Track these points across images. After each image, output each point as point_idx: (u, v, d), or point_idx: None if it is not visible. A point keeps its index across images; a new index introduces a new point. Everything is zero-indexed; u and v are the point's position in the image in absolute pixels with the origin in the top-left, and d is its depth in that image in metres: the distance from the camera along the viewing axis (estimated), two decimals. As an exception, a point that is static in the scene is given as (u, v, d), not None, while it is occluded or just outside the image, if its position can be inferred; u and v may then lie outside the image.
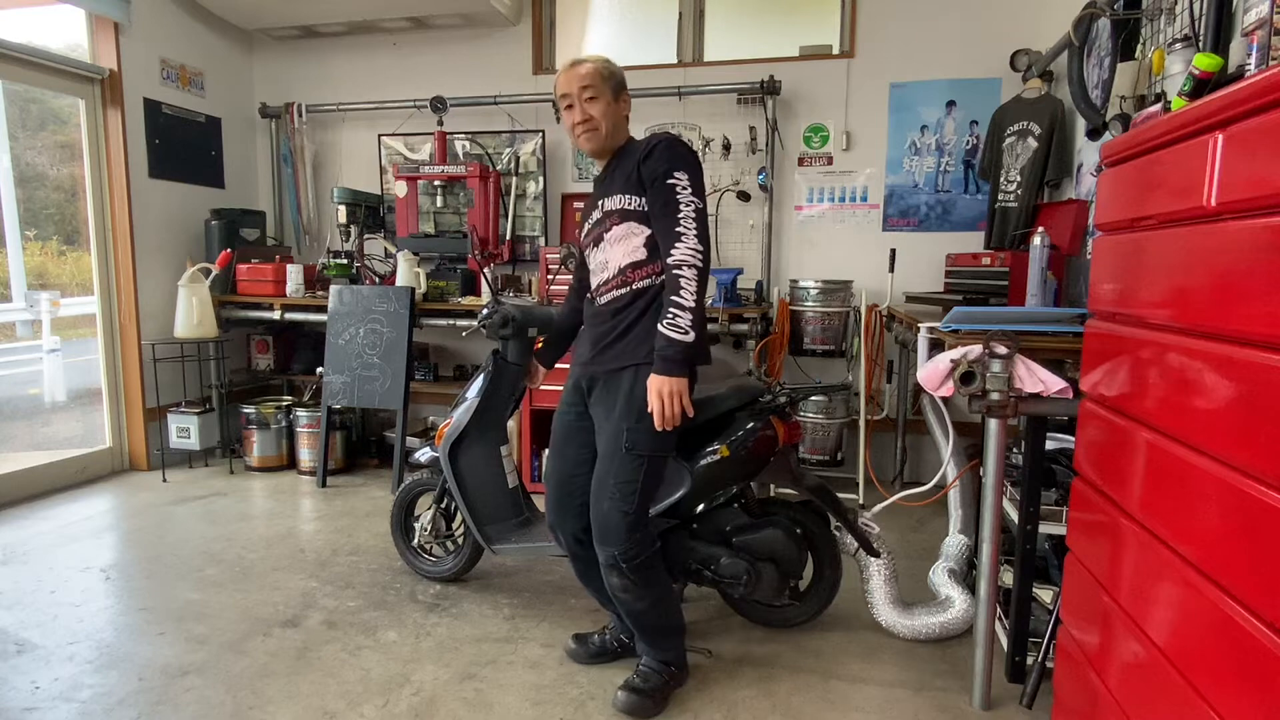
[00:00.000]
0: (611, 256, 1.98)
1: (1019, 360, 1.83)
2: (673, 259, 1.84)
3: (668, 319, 1.82)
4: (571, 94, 1.95)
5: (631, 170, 1.94)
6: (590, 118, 1.95)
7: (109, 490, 3.83)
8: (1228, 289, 1.00)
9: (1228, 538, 0.98)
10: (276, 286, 4.21)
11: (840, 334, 3.80)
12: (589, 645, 2.23)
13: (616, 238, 1.97)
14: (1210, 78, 1.67)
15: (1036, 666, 1.92)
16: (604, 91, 1.95)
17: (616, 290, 1.98)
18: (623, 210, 1.95)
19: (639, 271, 1.95)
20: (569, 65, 1.97)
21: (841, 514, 2.31)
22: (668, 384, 1.82)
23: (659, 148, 1.90)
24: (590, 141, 1.98)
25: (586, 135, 1.97)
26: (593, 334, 2.05)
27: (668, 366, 1.82)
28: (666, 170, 1.88)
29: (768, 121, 4.00)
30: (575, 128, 1.98)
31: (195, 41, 4.39)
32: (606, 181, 2.03)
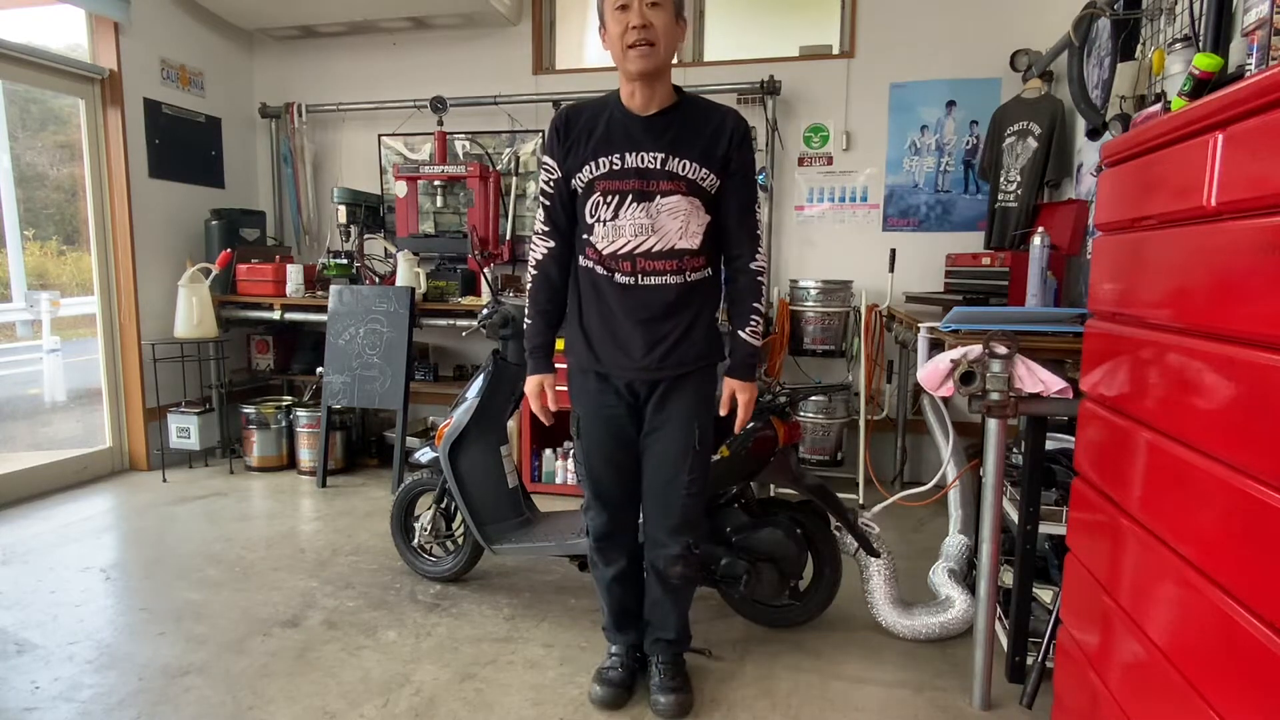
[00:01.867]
0: (664, 226, 1.75)
1: (1019, 360, 1.83)
2: (756, 264, 1.83)
3: (750, 326, 1.83)
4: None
5: (713, 142, 1.74)
6: (650, 25, 1.62)
7: (109, 490, 3.83)
8: (1228, 289, 1.00)
9: (1228, 538, 0.98)
10: (276, 286, 4.21)
11: (840, 334, 3.80)
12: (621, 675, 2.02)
13: (675, 209, 1.74)
14: (1210, 78, 1.67)
15: (1036, 666, 1.92)
16: (669, 4, 1.67)
17: (669, 275, 1.77)
18: (693, 182, 1.73)
19: (695, 260, 1.79)
20: None
21: (841, 514, 2.31)
22: (753, 390, 1.86)
23: (747, 135, 1.76)
24: (645, 59, 1.64)
25: (642, 50, 1.63)
26: (641, 331, 1.80)
27: (749, 373, 1.85)
28: (752, 165, 1.78)
29: (768, 121, 4.00)
30: (628, 35, 1.63)
31: (195, 41, 4.39)
32: (665, 129, 1.74)
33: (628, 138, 1.75)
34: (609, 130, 1.77)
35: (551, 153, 1.82)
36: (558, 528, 2.59)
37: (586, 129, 1.78)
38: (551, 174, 1.83)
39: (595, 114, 1.79)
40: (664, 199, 1.74)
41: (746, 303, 1.83)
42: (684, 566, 1.92)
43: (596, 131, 1.77)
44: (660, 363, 1.81)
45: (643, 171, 1.74)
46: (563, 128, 1.81)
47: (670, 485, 1.87)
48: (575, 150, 1.78)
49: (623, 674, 2.03)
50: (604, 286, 1.82)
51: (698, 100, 1.81)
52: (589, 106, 1.82)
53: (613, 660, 2.06)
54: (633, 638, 2.08)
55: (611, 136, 1.76)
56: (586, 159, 1.77)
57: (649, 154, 1.73)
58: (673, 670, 2.01)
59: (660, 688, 1.97)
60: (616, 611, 2.07)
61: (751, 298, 1.83)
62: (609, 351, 1.84)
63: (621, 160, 1.74)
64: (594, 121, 1.78)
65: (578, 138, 1.78)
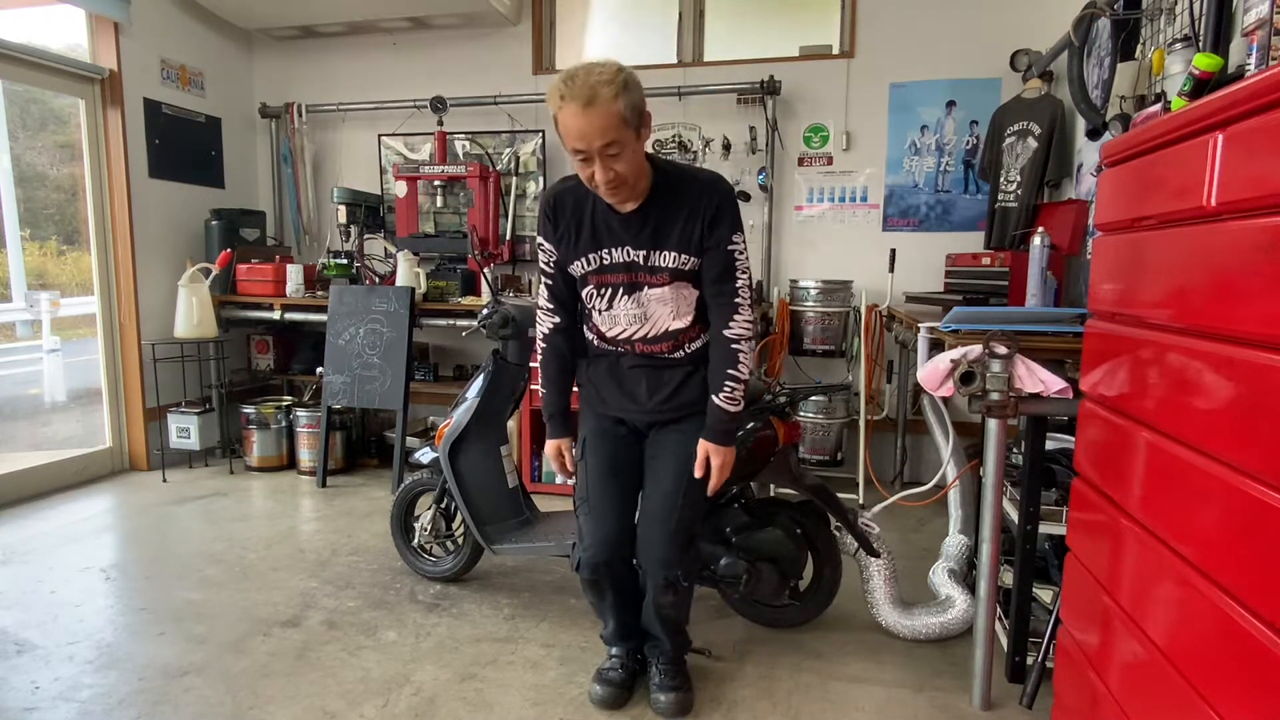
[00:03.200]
0: (655, 314, 1.83)
1: (1019, 360, 1.83)
2: (731, 332, 1.80)
3: (725, 393, 1.81)
4: (590, 151, 1.60)
5: (687, 227, 1.75)
6: (615, 175, 1.64)
7: (109, 490, 3.83)
8: (1228, 289, 1.00)
9: (1228, 538, 0.98)
10: (276, 286, 4.21)
11: (840, 334, 3.81)
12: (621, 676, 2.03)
13: (663, 297, 1.82)
14: (1210, 78, 1.67)
15: (1036, 666, 1.92)
16: (629, 139, 1.61)
17: (667, 353, 1.88)
18: (675, 270, 1.78)
19: (690, 333, 1.86)
20: (581, 106, 1.55)
21: (841, 514, 2.31)
22: (725, 454, 1.84)
23: (725, 209, 1.74)
24: (618, 196, 1.70)
25: (613, 192, 1.68)
26: (644, 382, 1.90)
27: (725, 438, 1.84)
28: (729, 235, 1.76)
29: (768, 121, 4.00)
30: (593, 183, 1.68)
31: (195, 41, 4.39)
32: (644, 225, 1.76)
33: (610, 233, 1.79)
34: (594, 225, 1.80)
35: (546, 236, 1.87)
36: (558, 528, 2.59)
37: (574, 221, 1.82)
38: (549, 256, 1.89)
39: (579, 202, 1.81)
40: (651, 290, 1.81)
41: (722, 369, 1.81)
42: (673, 595, 1.94)
43: (583, 225, 1.81)
44: (663, 405, 1.91)
45: (629, 265, 1.80)
46: (552, 215, 1.85)
47: (663, 511, 1.88)
48: (565, 242, 1.84)
49: (623, 674, 2.03)
50: (608, 356, 1.95)
51: (675, 178, 1.76)
52: (572, 191, 1.81)
53: (613, 661, 2.06)
54: (633, 643, 2.08)
55: (597, 232, 1.80)
56: (576, 255, 1.83)
57: (633, 250, 1.78)
58: (673, 670, 2.01)
59: (661, 687, 1.98)
60: (619, 626, 2.07)
61: (727, 365, 1.81)
62: (615, 398, 1.95)
63: (609, 255, 1.80)
64: (579, 212, 1.81)
65: (566, 230, 1.83)
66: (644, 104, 1.65)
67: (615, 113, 1.57)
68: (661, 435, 1.94)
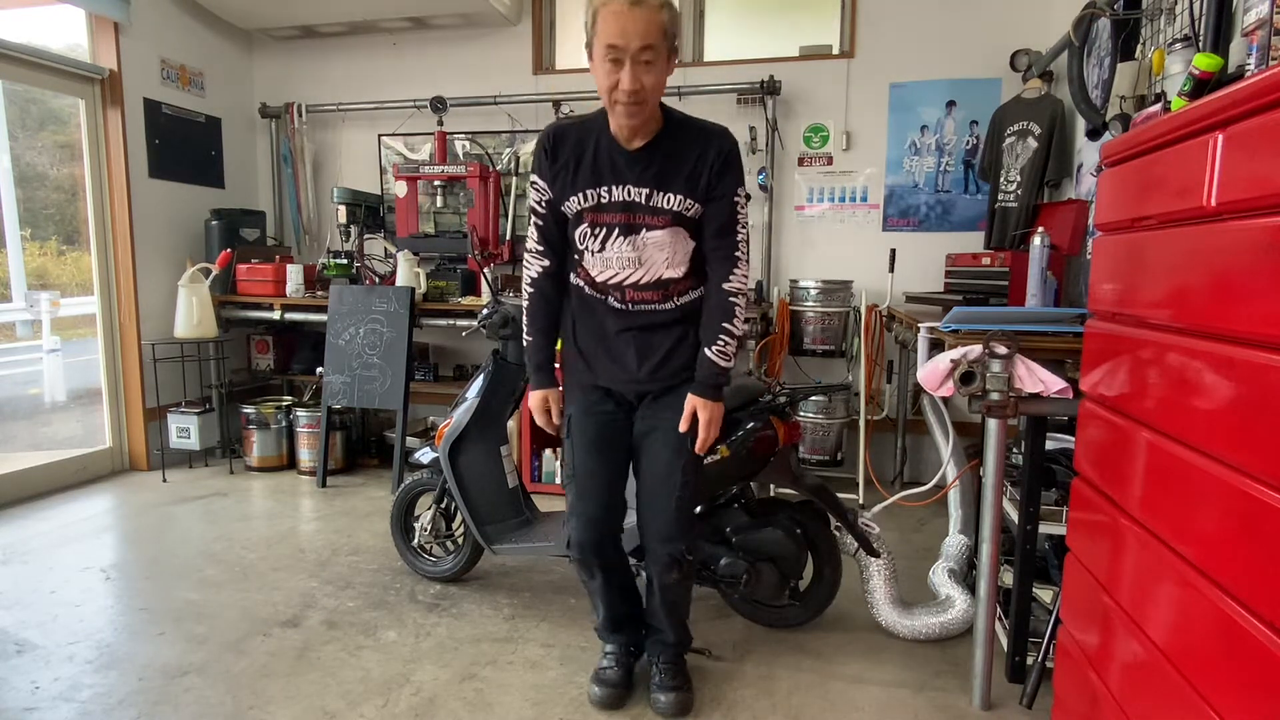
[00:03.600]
0: (650, 259, 1.77)
1: (1019, 360, 1.83)
2: (730, 285, 1.78)
3: (718, 346, 1.78)
4: (626, 51, 1.55)
5: (694, 170, 1.72)
6: (642, 88, 1.58)
7: (109, 490, 3.83)
8: (1228, 289, 1.00)
9: (1228, 538, 0.98)
10: (276, 286, 4.21)
11: (840, 334, 3.81)
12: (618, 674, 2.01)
13: (661, 242, 1.76)
14: (1210, 78, 1.67)
15: (1036, 666, 1.92)
16: (662, 53, 1.58)
17: (656, 303, 1.83)
18: (677, 213, 1.73)
19: (681, 284, 1.82)
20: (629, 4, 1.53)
21: (841, 514, 2.31)
22: (716, 410, 1.82)
23: (733, 161, 1.73)
24: (633, 117, 1.63)
25: (631, 110, 1.60)
26: (633, 347, 1.85)
27: (714, 393, 1.81)
28: (735, 187, 1.75)
29: (768, 121, 4.00)
30: (615, 92, 1.59)
31: (195, 41, 4.39)
32: (649, 163, 1.72)
33: (613, 170, 1.73)
34: (595, 160, 1.73)
35: (541, 173, 1.79)
36: (558, 528, 2.58)
37: (574, 155, 1.75)
38: (542, 195, 1.81)
39: (583, 138, 1.75)
40: (650, 233, 1.75)
41: (716, 322, 1.80)
42: (679, 573, 1.91)
43: (584, 160, 1.74)
44: (653, 375, 1.87)
45: (629, 205, 1.73)
46: (551, 149, 1.77)
47: (663, 487, 1.86)
48: (563, 177, 1.76)
49: (620, 673, 2.02)
50: (597, 307, 1.87)
51: (685, 123, 1.76)
52: (576, 127, 1.77)
53: (608, 659, 2.05)
54: (627, 636, 2.07)
55: (598, 168, 1.73)
56: (573, 189, 1.76)
57: (635, 188, 1.72)
58: (673, 670, 2.01)
59: (661, 686, 1.98)
60: (610, 615, 2.06)
61: (722, 317, 1.79)
62: (604, 365, 1.89)
63: (609, 193, 1.73)
64: (581, 148, 1.74)
65: (565, 164, 1.75)
66: (679, 34, 1.65)
67: (659, 21, 1.56)
68: (654, 408, 1.88)
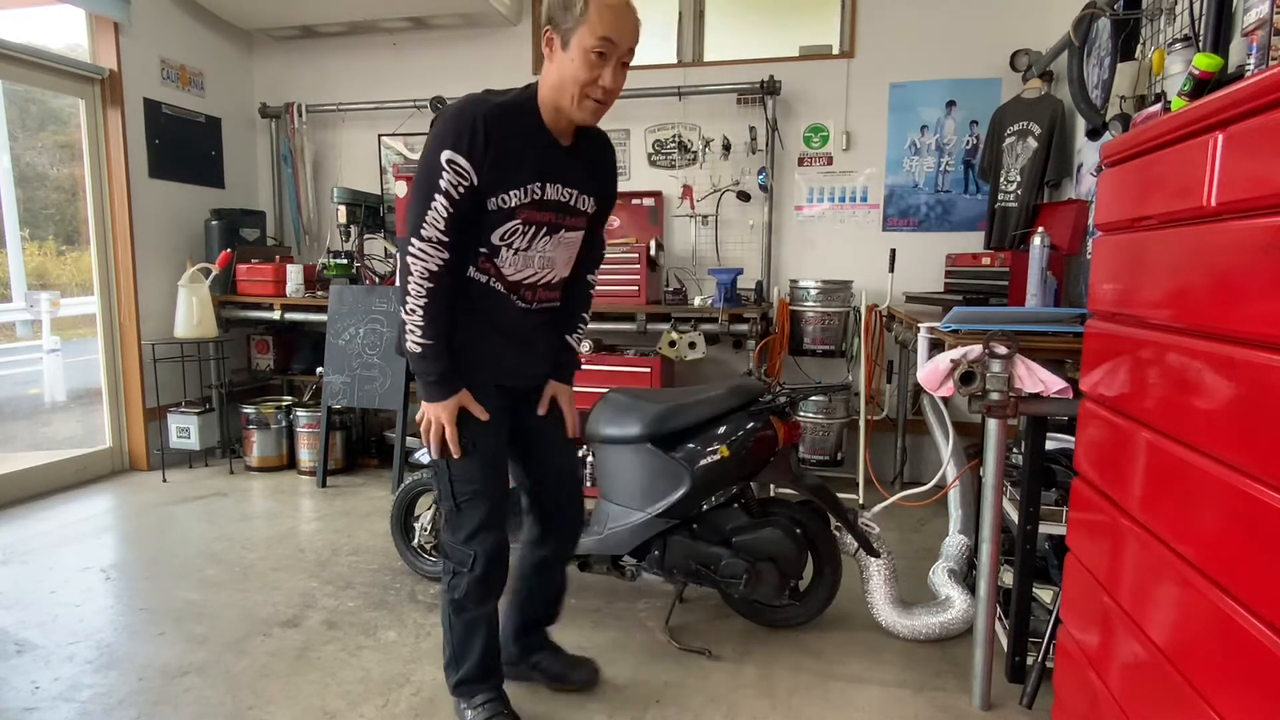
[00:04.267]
0: (558, 259, 1.74)
1: (1019, 360, 1.83)
2: (593, 276, 1.89)
3: (578, 333, 1.87)
4: (619, 49, 1.54)
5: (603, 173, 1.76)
6: (617, 89, 1.57)
7: (109, 490, 3.83)
8: (1228, 289, 1.00)
9: (1228, 538, 0.98)
10: (276, 286, 4.21)
11: (840, 334, 3.80)
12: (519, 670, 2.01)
13: (572, 243, 1.75)
14: (1210, 78, 1.67)
15: (1036, 666, 1.92)
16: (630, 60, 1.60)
17: (552, 302, 1.81)
18: (589, 215, 1.75)
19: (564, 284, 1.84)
20: (624, 4, 1.54)
21: (841, 514, 2.31)
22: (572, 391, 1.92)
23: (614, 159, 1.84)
24: (596, 116, 1.60)
25: (599, 109, 1.58)
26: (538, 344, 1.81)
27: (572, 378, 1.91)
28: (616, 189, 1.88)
29: (768, 121, 4.00)
30: (593, 88, 1.54)
31: (195, 41, 4.39)
32: (578, 165, 1.69)
33: (553, 166, 1.64)
34: (534, 153, 1.62)
35: (469, 155, 1.54)
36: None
37: (515, 144, 1.59)
38: (464, 179, 1.55)
39: (519, 127, 1.60)
40: (568, 234, 1.73)
41: (579, 311, 1.88)
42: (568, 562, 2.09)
43: (526, 152, 1.61)
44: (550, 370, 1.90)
45: (559, 205, 1.68)
46: (487, 132, 1.55)
47: (575, 483, 1.98)
48: (499, 166, 1.57)
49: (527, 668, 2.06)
50: (503, 304, 1.72)
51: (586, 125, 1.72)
52: (511, 112, 1.59)
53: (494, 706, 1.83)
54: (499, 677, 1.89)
55: (539, 161, 1.62)
56: (514, 182, 1.60)
57: (565, 188, 1.68)
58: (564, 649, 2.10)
59: (571, 664, 2.07)
60: (488, 652, 1.84)
61: (583, 306, 1.89)
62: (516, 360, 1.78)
63: (543, 190, 1.64)
64: (519, 138, 1.60)
65: (503, 152, 1.57)
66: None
67: (639, 28, 1.58)
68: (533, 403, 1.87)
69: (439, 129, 1.56)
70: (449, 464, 1.71)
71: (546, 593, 2.06)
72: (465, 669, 1.83)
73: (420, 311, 1.59)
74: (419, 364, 1.63)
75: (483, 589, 1.77)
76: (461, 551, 1.74)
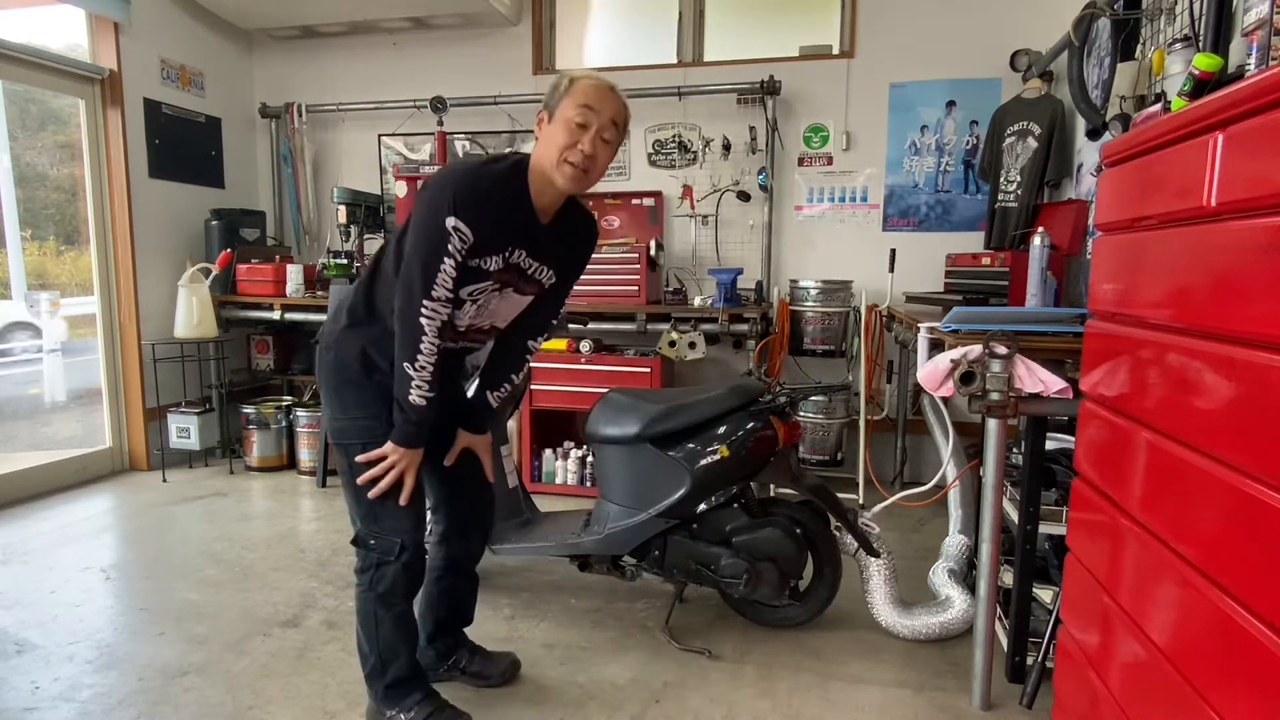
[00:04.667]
0: (500, 312, 1.81)
1: (1019, 360, 1.83)
2: (535, 343, 1.92)
3: (500, 391, 1.89)
4: (599, 120, 1.63)
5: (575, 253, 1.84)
6: (596, 157, 1.64)
7: (109, 490, 3.83)
8: (1228, 289, 1.00)
9: (1228, 538, 0.98)
10: (276, 286, 4.21)
11: (840, 334, 3.80)
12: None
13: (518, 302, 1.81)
14: (1210, 78, 1.67)
15: (1036, 666, 1.92)
16: (616, 140, 1.69)
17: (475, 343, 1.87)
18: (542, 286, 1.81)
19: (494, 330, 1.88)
20: (608, 84, 1.65)
21: (841, 514, 2.31)
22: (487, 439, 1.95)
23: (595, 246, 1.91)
24: (573, 183, 1.65)
25: (575, 174, 1.63)
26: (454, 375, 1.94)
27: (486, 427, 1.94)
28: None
29: (768, 121, 4.00)
30: (571, 153, 1.62)
31: (195, 41, 4.39)
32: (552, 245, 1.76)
33: (525, 240, 1.72)
34: (516, 227, 1.70)
35: (470, 222, 1.60)
36: (558, 528, 2.58)
37: (502, 217, 1.67)
38: (466, 243, 1.61)
39: (508, 200, 1.67)
40: (516, 294, 1.79)
41: (509, 371, 1.90)
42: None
43: (512, 218, 1.68)
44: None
45: (522, 272, 1.75)
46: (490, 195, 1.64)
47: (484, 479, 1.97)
48: (487, 235, 1.65)
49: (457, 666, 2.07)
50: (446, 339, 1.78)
51: (578, 207, 1.83)
52: (501, 187, 1.66)
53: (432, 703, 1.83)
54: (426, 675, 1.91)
55: (517, 234, 1.70)
56: (497, 247, 1.68)
57: (531, 260, 1.74)
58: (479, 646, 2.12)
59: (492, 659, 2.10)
60: (414, 648, 1.87)
61: (515, 369, 1.91)
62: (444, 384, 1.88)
63: (512, 255, 1.71)
64: (506, 211, 1.67)
65: (494, 223, 1.65)
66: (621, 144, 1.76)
67: (625, 112, 1.69)
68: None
69: (441, 194, 1.61)
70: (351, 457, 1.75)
71: (459, 591, 2.06)
72: (395, 670, 1.81)
73: (430, 368, 1.65)
74: (420, 413, 1.67)
75: (409, 577, 1.78)
76: (387, 540, 1.75)
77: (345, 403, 1.76)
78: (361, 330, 1.74)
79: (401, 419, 1.67)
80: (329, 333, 1.79)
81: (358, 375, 1.74)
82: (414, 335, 1.62)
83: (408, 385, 1.64)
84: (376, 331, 1.73)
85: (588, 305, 3.79)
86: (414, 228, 1.64)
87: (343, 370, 1.75)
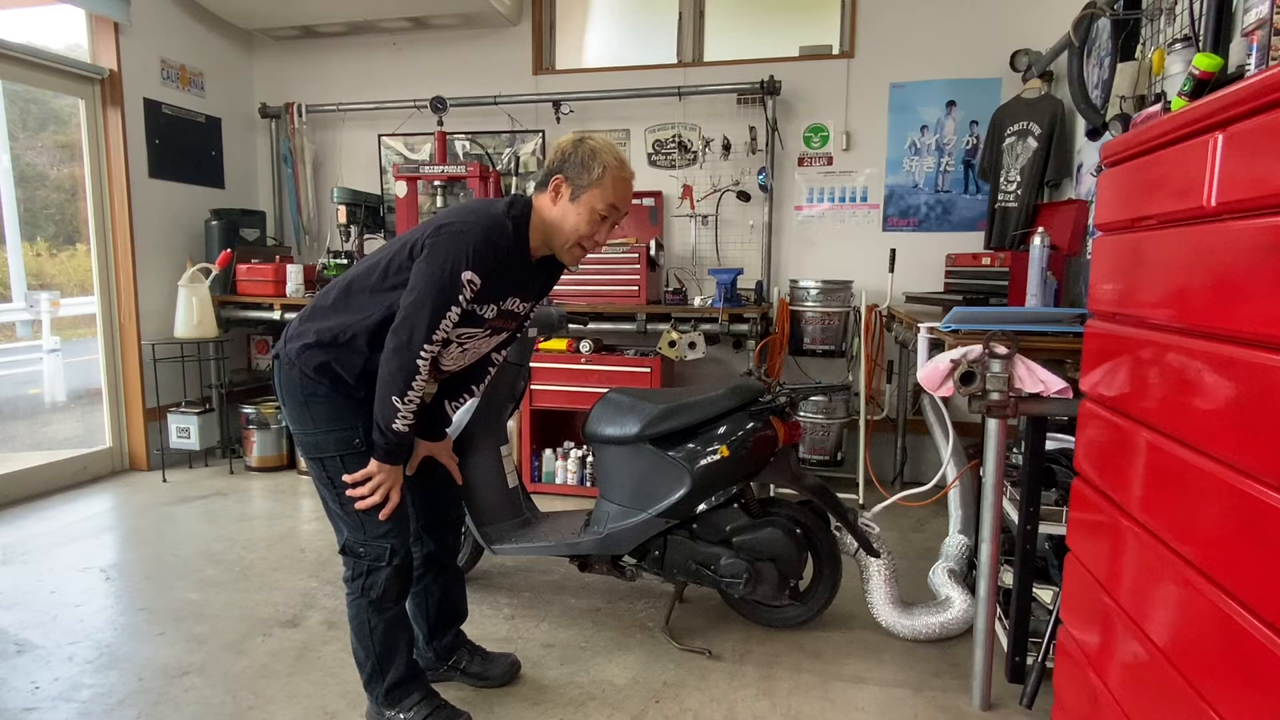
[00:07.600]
0: (482, 349, 1.88)
1: (1019, 360, 1.83)
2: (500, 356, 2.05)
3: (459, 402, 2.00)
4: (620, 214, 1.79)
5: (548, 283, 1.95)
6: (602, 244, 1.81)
7: (109, 490, 3.83)
8: (1228, 289, 1.00)
9: (1228, 538, 0.98)
10: (276, 286, 4.21)
11: (840, 334, 3.80)
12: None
13: (501, 340, 1.93)
14: (1210, 78, 1.67)
15: (1036, 666, 1.92)
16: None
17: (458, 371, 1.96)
18: (519, 318, 1.90)
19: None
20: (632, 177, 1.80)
21: (841, 514, 2.31)
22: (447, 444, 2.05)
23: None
24: (575, 263, 1.84)
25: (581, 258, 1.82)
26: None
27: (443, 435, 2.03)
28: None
29: (768, 121, 4.00)
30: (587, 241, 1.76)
31: (195, 41, 4.40)
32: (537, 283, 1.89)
33: (519, 282, 1.81)
34: (516, 270, 1.78)
35: (483, 275, 1.68)
36: (558, 528, 2.58)
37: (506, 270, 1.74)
38: (475, 291, 1.69)
39: (513, 252, 1.74)
40: (496, 335, 1.87)
41: (470, 384, 2.02)
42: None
43: (510, 269, 1.75)
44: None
45: (510, 314, 1.84)
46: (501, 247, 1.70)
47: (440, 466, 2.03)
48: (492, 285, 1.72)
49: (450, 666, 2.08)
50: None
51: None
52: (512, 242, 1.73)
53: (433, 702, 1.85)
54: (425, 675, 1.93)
55: (514, 279, 1.78)
56: (496, 296, 1.76)
57: (517, 300, 1.83)
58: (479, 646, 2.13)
59: (491, 659, 2.10)
60: (411, 649, 1.88)
61: (479, 381, 2.03)
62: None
63: (506, 301, 1.80)
64: (511, 263, 1.75)
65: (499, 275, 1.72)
66: None
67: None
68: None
69: (459, 247, 1.64)
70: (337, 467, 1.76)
71: (444, 588, 2.06)
72: (393, 673, 1.83)
73: (416, 401, 1.70)
74: (402, 438, 1.70)
75: (401, 580, 1.79)
76: (377, 546, 1.76)
77: (316, 417, 1.76)
78: (327, 349, 1.74)
79: (383, 440, 1.69)
80: (291, 350, 1.77)
81: (326, 390, 1.74)
82: (408, 373, 1.65)
83: (393, 415, 1.66)
84: (343, 351, 1.73)
85: (588, 305, 3.79)
86: (427, 274, 1.65)
87: (307, 385, 1.75)
